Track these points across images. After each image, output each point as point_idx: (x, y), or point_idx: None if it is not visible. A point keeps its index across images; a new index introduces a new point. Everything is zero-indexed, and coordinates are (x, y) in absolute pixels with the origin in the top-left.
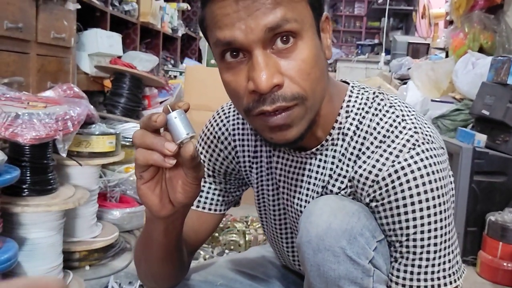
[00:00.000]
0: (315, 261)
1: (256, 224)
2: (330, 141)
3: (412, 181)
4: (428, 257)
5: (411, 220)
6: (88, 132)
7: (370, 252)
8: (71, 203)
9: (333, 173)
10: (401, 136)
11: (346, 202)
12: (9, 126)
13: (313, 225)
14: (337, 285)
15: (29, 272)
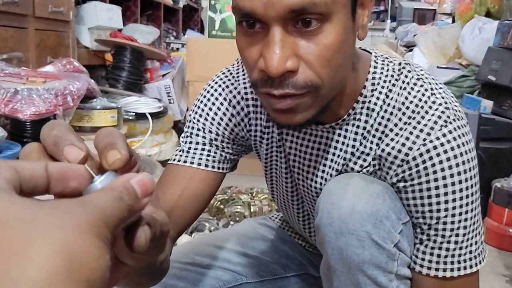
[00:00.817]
0: (337, 244)
1: (261, 196)
2: (352, 115)
3: (445, 162)
4: (457, 240)
5: (442, 203)
6: (89, 106)
7: (396, 235)
8: None
9: (356, 150)
10: (431, 112)
11: (370, 182)
12: (8, 102)
13: (335, 207)
14: (361, 269)
15: None
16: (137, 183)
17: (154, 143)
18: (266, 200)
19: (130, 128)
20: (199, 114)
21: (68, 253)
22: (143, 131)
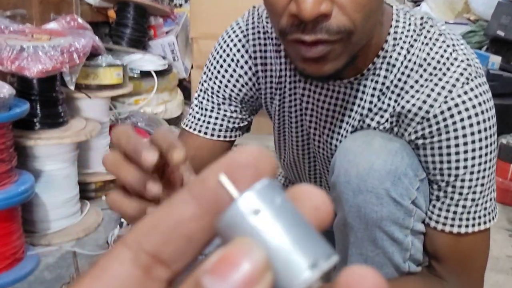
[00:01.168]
0: (355, 202)
1: None
2: (372, 70)
3: (466, 119)
4: (474, 198)
5: (462, 161)
6: (95, 64)
7: (413, 192)
8: (83, 135)
9: (373, 106)
10: (453, 69)
11: (388, 139)
12: (14, 60)
13: (353, 165)
14: (378, 226)
15: (47, 202)
16: (216, 265)
17: (160, 101)
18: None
19: (135, 86)
20: (208, 76)
21: None
22: (148, 89)
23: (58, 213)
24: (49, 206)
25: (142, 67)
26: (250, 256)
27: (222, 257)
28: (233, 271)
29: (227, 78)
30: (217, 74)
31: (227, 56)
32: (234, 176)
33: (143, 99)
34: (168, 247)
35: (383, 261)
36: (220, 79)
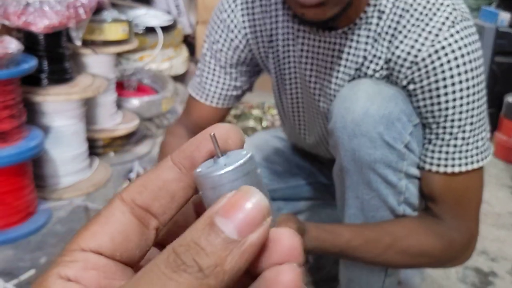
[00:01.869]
0: (351, 146)
1: (272, 111)
2: (364, 19)
3: (453, 61)
4: (464, 136)
5: (450, 101)
6: (100, 19)
7: (406, 136)
8: (91, 91)
9: (368, 54)
10: (439, 14)
11: (382, 86)
12: (21, 15)
13: (349, 111)
14: (372, 168)
15: (57, 158)
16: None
17: (165, 58)
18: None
19: (140, 42)
20: (207, 41)
21: None
22: (153, 45)
23: (68, 169)
24: (58, 162)
25: (147, 23)
26: (253, 201)
27: (230, 200)
28: (238, 212)
29: (221, 43)
30: (213, 39)
31: (221, 21)
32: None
33: (148, 56)
34: (156, 202)
35: (378, 204)
36: (216, 44)
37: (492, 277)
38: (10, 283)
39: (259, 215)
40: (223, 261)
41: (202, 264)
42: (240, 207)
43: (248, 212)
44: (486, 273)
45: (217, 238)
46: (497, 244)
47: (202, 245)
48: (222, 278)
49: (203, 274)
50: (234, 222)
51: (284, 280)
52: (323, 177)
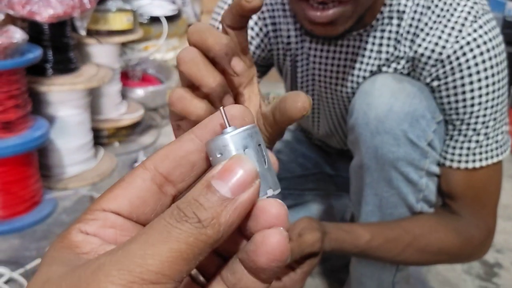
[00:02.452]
0: (373, 143)
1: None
2: (380, 20)
3: (478, 56)
4: (486, 132)
5: (476, 97)
6: (105, 9)
7: (430, 134)
8: (95, 81)
9: (390, 55)
10: (460, 9)
11: (406, 82)
12: (26, 4)
13: (372, 107)
14: (394, 166)
15: (62, 148)
16: (217, 175)
17: (169, 48)
18: None
19: (144, 32)
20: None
21: None
22: (158, 35)
23: (73, 158)
24: (64, 152)
25: (152, 12)
26: (243, 167)
27: (224, 166)
28: (232, 176)
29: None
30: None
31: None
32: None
33: (152, 45)
34: (177, 171)
35: (397, 201)
36: None
37: (497, 268)
38: (16, 272)
39: (249, 178)
40: (219, 215)
41: (201, 216)
42: (233, 172)
43: (239, 175)
44: (491, 264)
45: (214, 196)
46: (503, 236)
47: (201, 201)
48: (218, 229)
49: (202, 224)
50: (228, 184)
51: (271, 241)
52: (329, 167)
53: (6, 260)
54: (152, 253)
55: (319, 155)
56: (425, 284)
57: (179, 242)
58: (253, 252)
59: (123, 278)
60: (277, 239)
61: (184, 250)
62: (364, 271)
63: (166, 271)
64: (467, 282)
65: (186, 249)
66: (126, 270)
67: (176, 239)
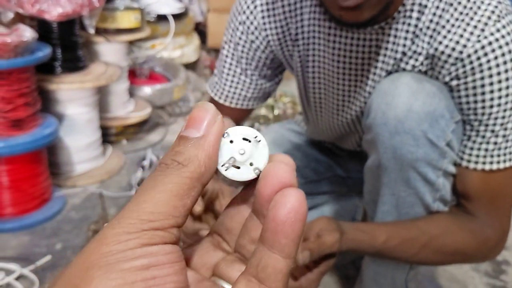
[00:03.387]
0: (391, 143)
1: (284, 99)
2: (402, 13)
3: (500, 57)
4: (505, 134)
5: (496, 99)
6: (113, 7)
7: (449, 134)
8: (104, 79)
9: (408, 49)
10: (484, 7)
11: (425, 81)
12: (35, 3)
13: (390, 107)
14: (413, 166)
15: (71, 145)
16: (184, 126)
17: (176, 46)
18: (289, 104)
19: (151, 30)
20: (227, 43)
21: None
22: (165, 33)
23: (81, 156)
24: (73, 149)
25: (159, 10)
26: (203, 109)
27: (188, 117)
28: (196, 121)
29: (242, 45)
30: (233, 41)
31: (239, 23)
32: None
33: (159, 44)
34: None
35: (414, 201)
36: (235, 46)
37: (505, 265)
38: (27, 269)
39: (210, 116)
40: (197, 153)
41: (179, 159)
42: (196, 117)
43: (202, 117)
44: (499, 261)
45: (187, 142)
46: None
47: (177, 149)
48: (198, 163)
49: (181, 165)
50: (195, 127)
51: (290, 193)
52: (340, 169)
53: (17, 256)
54: (144, 199)
55: (330, 158)
56: (432, 281)
57: (165, 184)
58: (273, 209)
59: (123, 223)
60: (295, 192)
61: (173, 188)
62: (378, 270)
63: (160, 209)
64: (475, 279)
65: (173, 187)
66: (124, 217)
67: (162, 182)
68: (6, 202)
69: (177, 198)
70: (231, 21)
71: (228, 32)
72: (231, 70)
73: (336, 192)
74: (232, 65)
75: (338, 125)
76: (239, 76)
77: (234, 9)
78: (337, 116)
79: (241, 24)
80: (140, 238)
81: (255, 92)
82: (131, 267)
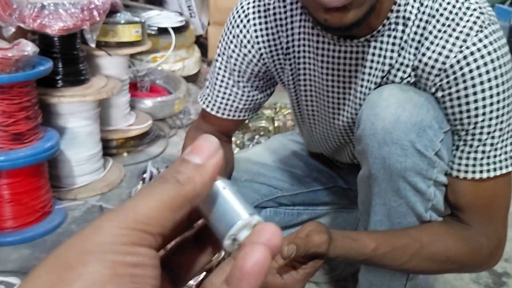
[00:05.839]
0: (380, 153)
1: (284, 111)
2: (387, 26)
3: (482, 67)
4: (492, 142)
5: (480, 108)
6: (114, 21)
7: (437, 144)
8: (105, 93)
9: (395, 62)
10: (466, 18)
11: (412, 92)
12: (36, 17)
13: (379, 118)
14: (402, 176)
15: (72, 158)
16: (189, 151)
17: (177, 58)
18: (290, 115)
19: (153, 43)
20: (220, 56)
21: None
22: (166, 46)
23: (82, 169)
24: (73, 162)
25: (160, 24)
26: (208, 141)
27: (193, 145)
28: (199, 149)
29: (235, 57)
30: (226, 54)
31: (233, 37)
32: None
33: (160, 56)
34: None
35: (406, 210)
36: (227, 59)
37: (505, 277)
38: None
39: (213, 148)
40: (194, 176)
41: (179, 177)
42: (200, 146)
43: (205, 147)
44: (499, 273)
45: (188, 164)
46: (510, 244)
47: (178, 169)
48: (194, 187)
49: (180, 183)
50: (198, 155)
51: (258, 255)
52: (342, 181)
53: (17, 270)
54: (142, 203)
55: (332, 169)
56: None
57: (162, 195)
58: (241, 260)
59: (120, 217)
60: (263, 248)
61: (168, 201)
62: (373, 280)
63: (154, 215)
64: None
65: (169, 200)
66: (121, 213)
67: (159, 193)
68: (6, 216)
69: (170, 210)
70: (224, 34)
71: (221, 45)
72: (224, 82)
73: (337, 204)
74: (225, 77)
75: (332, 136)
76: (231, 88)
77: (228, 23)
78: (330, 127)
79: (234, 37)
80: (132, 236)
81: (247, 103)
82: (122, 261)
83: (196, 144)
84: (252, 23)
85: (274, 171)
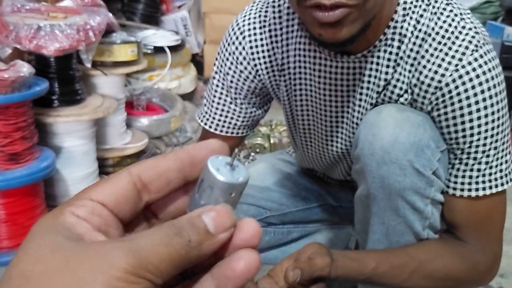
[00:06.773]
0: (379, 173)
1: (280, 128)
2: (383, 41)
3: (477, 86)
4: (488, 161)
5: (475, 127)
6: (109, 41)
7: (435, 163)
8: (100, 112)
9: (391, 78)
10: (462, 37)
11: (410, 112)
12: (32, 39)
13: (377, 138)
14: (401, 195)
15: (68, 178)
16: (210, 216)
17: (173, 77)
18: (285, 132)
19: (149, 62)
20: (217, 73)
21: None
22: (162, 64)
23: (78, 188)
24: (69, 181)
25: (156, 43)
26: (228, 216)
27: (216, 209)
28: (218, 219)
29: (231, 75)
30: (223, 71)
31: (229, 54)
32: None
33: (156, 75)
34: (156, 182)
35: (404, 229)
36: (224, 76)
37: None
38: None
39: (229, 223)
40: (202, 243)
41: (192, 238)
42: (220, 216)
43: (223, 221)
44: None
45: (201, 224)
46: (506, 260)
47: (193, 222)
48: (198, 254)
49: (190, 244)
50: (214, 222)
51: (251, 260)
52: (331, 198)
53: None
54: (157, 251)
55: (321, 187)
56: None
57: (176, 251)
58: (233, 261)
59: (130, 257)
60: (254, 255)
61: (177, 258)
62: None
63: (162, 267)
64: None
65: (178, 257)
66: (133, 252)
67: (174, 248)
68: (2, 236)
69: (174, 267)
70: (220, 51)
71: (218, 62)
72: (221, 100)
73: (327, 221)
74: (222, 94)
75: (328, 153)
76: (229, 105)
77: (224, 40)
78: (326, 145)
79: (230, 54)
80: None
81: (245, 120)
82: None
83: (218, 210)
84: (248, 40)
85: (263, 192)
